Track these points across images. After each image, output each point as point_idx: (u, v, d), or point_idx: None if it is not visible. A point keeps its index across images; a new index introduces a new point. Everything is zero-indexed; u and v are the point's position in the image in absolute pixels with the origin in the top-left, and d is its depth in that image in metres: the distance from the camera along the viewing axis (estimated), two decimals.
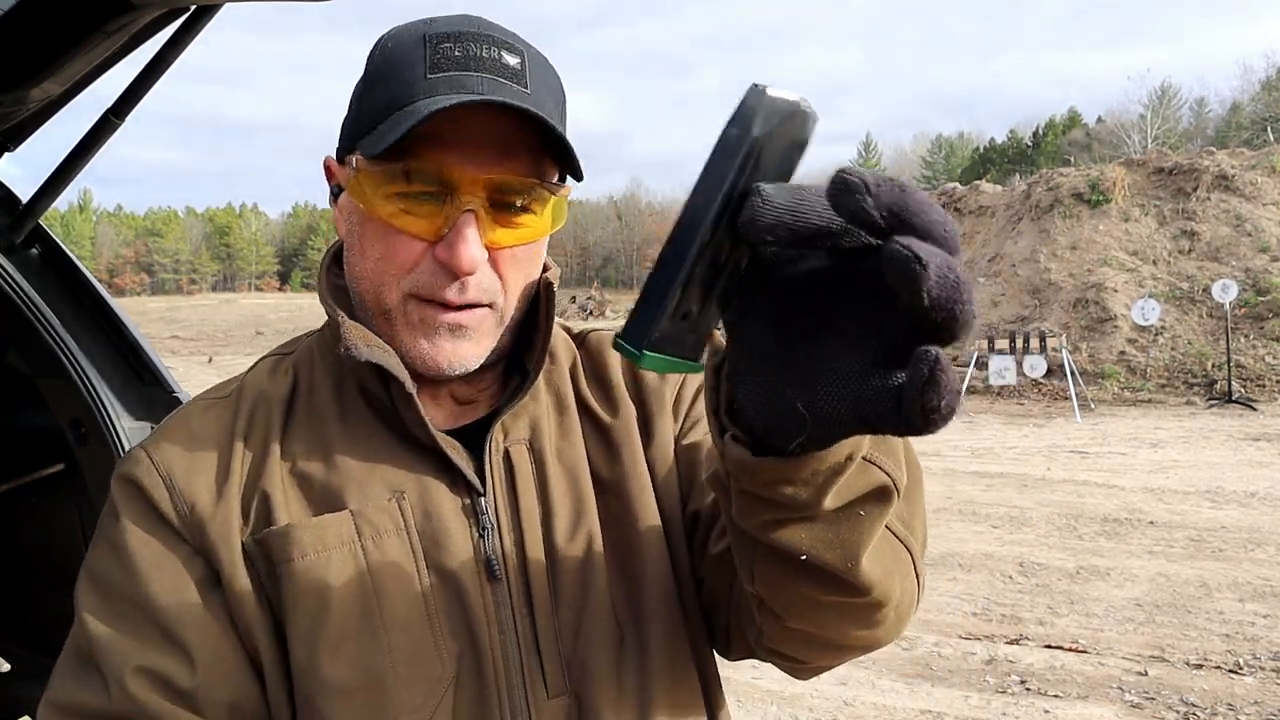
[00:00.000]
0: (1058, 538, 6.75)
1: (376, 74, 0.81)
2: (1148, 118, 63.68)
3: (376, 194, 0.79)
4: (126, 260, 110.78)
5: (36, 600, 2.76)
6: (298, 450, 0.84)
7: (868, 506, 0.62)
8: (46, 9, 1.24)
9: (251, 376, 0.91)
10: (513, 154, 0.79)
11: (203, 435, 0.85)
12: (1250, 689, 4.18)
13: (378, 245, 0.81)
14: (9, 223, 2.02)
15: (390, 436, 0.85)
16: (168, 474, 0.82)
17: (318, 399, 0.87)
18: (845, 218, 0.46)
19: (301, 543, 0.79)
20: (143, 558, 0.79)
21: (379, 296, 0.82)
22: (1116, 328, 16.89)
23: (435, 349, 0.82)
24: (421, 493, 0.83)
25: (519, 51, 0.81)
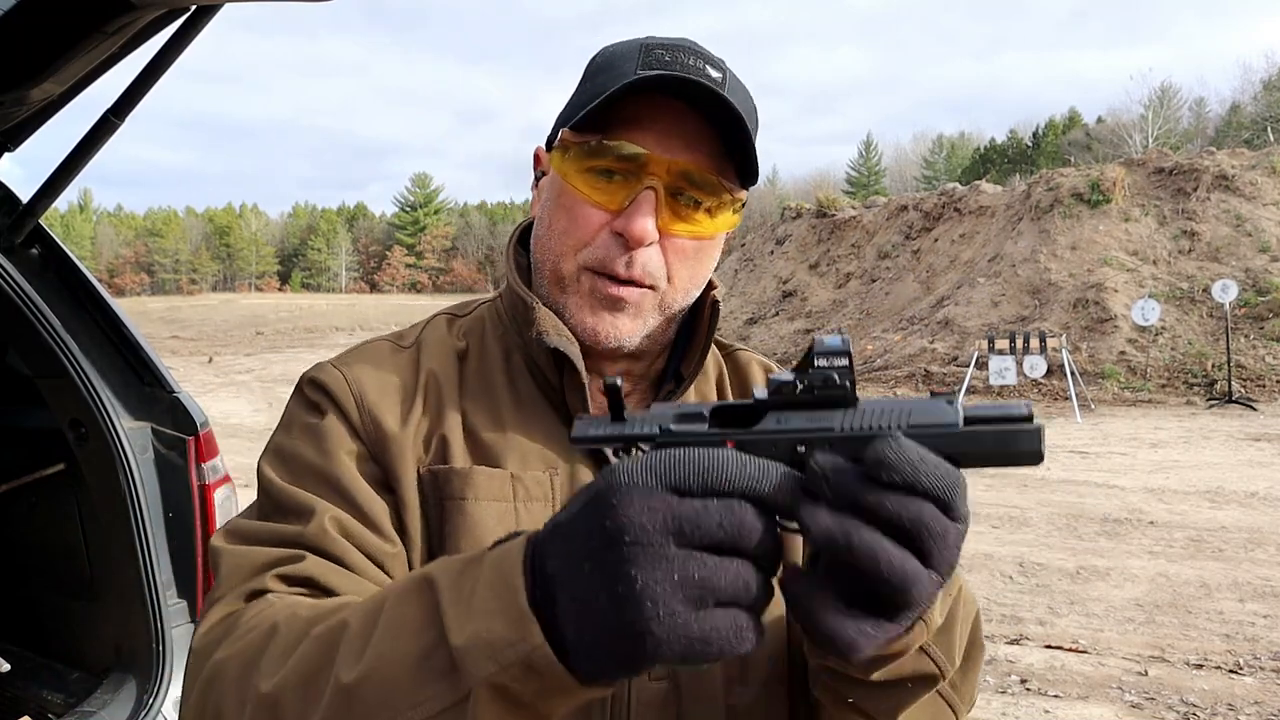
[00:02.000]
0: (1058, 538, 6.75)
1: (594, 72, 0.90)
2: (1148, 118, 63.63)
3: (574, 166, 0.87)
4: (126, 260, 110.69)
5: (36, 600, 2.75)
6: (470, 408, 0.92)
7: (914, 683, 0.72)
8: (46, 9, 1.24)
9: (429, 332, 0.98)
10: (698, 146, 0.86)
11: (390, 372, 0.92)
12: (1250, 689, 4.18)
13: (563, 217, 0.89)
14: (9, 223, 2.02)
15: (551, 414, 0.92)
16: (359, 392, 0.90)
17: (487, 365, 0.95)
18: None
19: (476, 484, 0.86)
20: (336, 446, 0.86)
21: (557, 266, 0.90)
22: (1116, 328, 16.88)
23: (597, 319, 0.89)
24: (572, 472, 0.90)
25: (723, 70, 0.88)
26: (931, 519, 0.55)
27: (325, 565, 0.79)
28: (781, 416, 0.61)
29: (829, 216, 26.88)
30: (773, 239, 28.91)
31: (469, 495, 0.86)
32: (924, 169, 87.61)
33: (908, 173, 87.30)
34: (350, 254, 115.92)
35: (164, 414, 2.23)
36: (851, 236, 25.87)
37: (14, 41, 1.30)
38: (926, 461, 0.55)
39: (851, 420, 0.60)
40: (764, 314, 25.47)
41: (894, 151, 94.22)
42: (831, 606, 0.54)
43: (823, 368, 0.61)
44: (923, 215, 24.15)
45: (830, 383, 0.60)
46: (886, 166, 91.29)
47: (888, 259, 24.15)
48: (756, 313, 25.76)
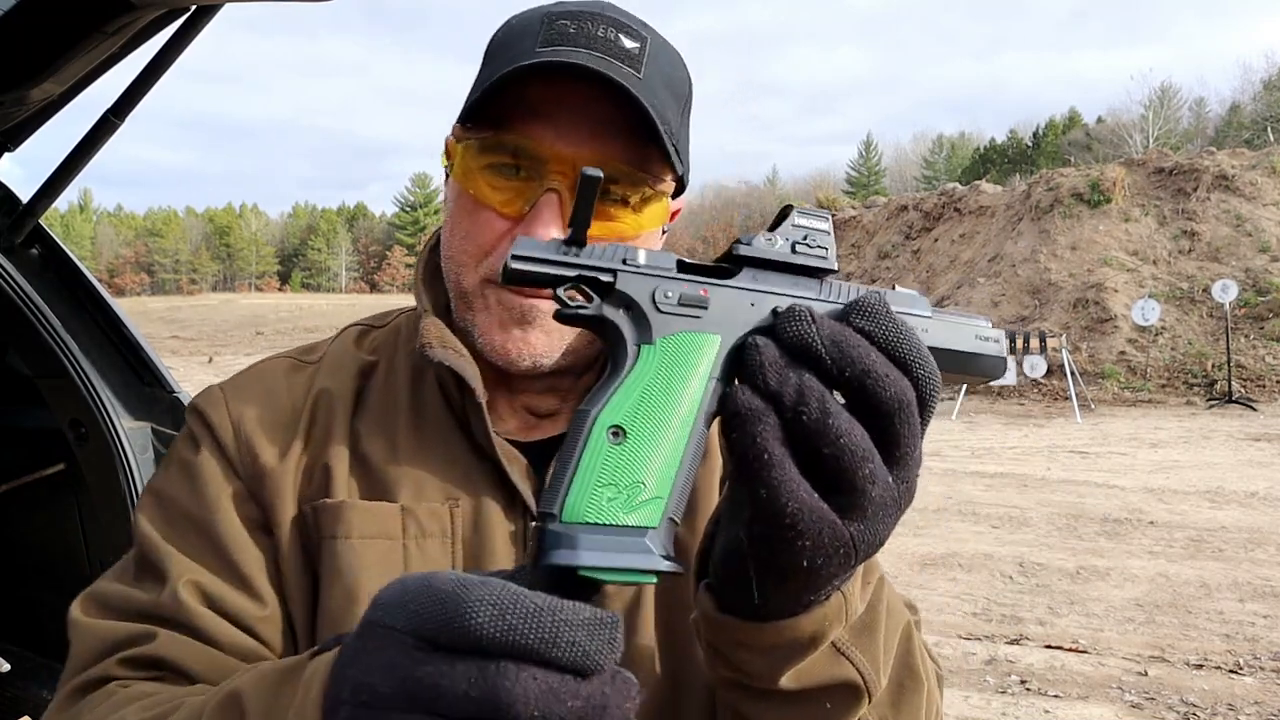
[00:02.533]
0: (1058, 538, 6.75)
1: (494, 51, 0.79)
2: (1148, 118, 63.67)
3: (470, 164, 0.77)
4: (126, 260, 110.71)
5: (36, 600, 2.76)
6: (364, 431, 0.82)
7: (834, 699, 0.62)
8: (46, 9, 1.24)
9: (335, 347, 0.90)
10: (609, 138, 0.74)
11: (278, 395, 0.84)
12: (1250, 689, 4.18)
13: (464, 223, 0.79)
14: (9, 223, 2.02)
15: (459, 439, 0.82)
16: (238, 421, 0.82)
17: (394, 383, 0.85)
18: None
19: (349, 522, 0.77)
20: (210, 488, 0.80)
21: (459, 278, 0.80)
22: (1116, 328, 16.89)
23: (506, 337, 0.79)
24: (476, 505, 0.79)
25: (641, 37, 0.76)
26: (911, 403, 0.51)
27: (179, 643, 0.72)
28: (758, 274, 0.56)
29: None
30: None
31: (341, 533, 0.77)
32: (924, 169, 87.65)
33: (908, 173, 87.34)
34: (350, 254, 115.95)
35: (164, 414, 2.23)
36: (851, 236, 25.87)
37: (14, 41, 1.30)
38: (908, 330, 0.52)
39: (832, 291, 0.57)
40: None
41: (894, 151, 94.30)
42: (798, 475, 0.49)
43: (803, 226, 0.57)
44: (923, 215, 24.15)
45: (812, 242, 0.56)
46: (886, 166, 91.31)
47: (888, 259, 24.15)
48: None
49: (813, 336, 0.50)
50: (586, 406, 0.51)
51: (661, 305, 0.54)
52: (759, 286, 0.55)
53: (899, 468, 0.51)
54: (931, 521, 7.09)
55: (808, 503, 0.49)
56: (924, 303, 0.59)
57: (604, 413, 0.50)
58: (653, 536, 0.49)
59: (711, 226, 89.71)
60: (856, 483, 0.49)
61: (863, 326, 0.51)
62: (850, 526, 0.50)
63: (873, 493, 0.50)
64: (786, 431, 0.50)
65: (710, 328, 0.54)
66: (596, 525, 0.47)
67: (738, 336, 0.54)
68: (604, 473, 0.49)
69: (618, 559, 0.47)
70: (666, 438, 0.51)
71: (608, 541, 0.47)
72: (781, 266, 0.56)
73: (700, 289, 0.54)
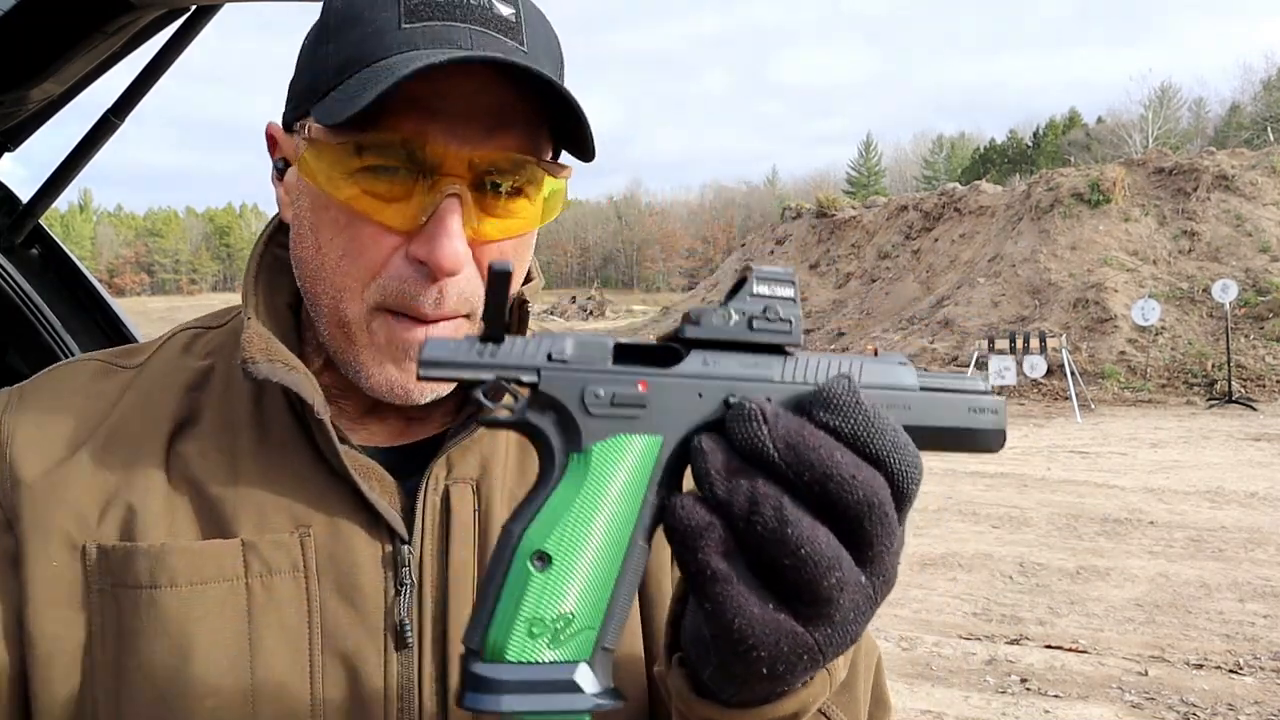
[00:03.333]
0: (1058, 538, 6.75)
1: (339, 21, 0.66)
2: (1148, 118, 63.67)
3: (335, 172, 0.64)
4: (126, 260, 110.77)
5: None
6: (193, 453, 0.70)
7: None
8: (46, 9, 1.24)
9: (163, 352, 0.77)
10: (506, 127, 0.64)
11: (78, 403, 0.72)
12: (1250, 689, 4.18)
13: (338, 240, 0.66)
14: (9, 223, 2.02)
15: (310, 457, 0.70)
16: (8, 436, 0.70)
17: (233, 396, 0.72)
18: None
19: (173, 568, 0.65)
20: None
21: (338, 306, 0.67)
22: (1116, 328, 16.89)
23: (405, 375, 0.67)
24: (332, 531, 0.68)
25: (513, 1, 0.66)
26: (885, 501, 0.45)
27: None
28: (709, 357, 0.49)
29: (829, 216, 26.89)
30: (773, 239, 28.93)
31: (162, 582, 0.65)
32: (924, 169, 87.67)
33: (908, 173, 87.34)
34: None
35: None
36: (851, 236, 25.88)
37: (14, 41, 1.30)
38: (883, 419, 0.46)
39: (793, 369, 0.50)
40: None
41: (894, 151, 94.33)
42: (749, 588, 0.45)
43: (763, 295, 0.49)
44: (923, 215, 24.16)
45: (772, 314, 0.49)
46: (886, 166, 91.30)
47: (888, 259, 24.16)
48: None
49: (763, 439, 0.44)
50: (511, 524, 0.47)
51: (592, 407, 0.47)
52: (709, 371, 0.49)
53: (873, 566, 0.46)
54: (931, 521, 7.09)
55: (758, 617, 0.45)
56: (908, 372, 0.52)
57: (527, 535, 0.46)
58: (583, 671, 0.45)
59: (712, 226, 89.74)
60: (821, 592, 0.44)
61: (826, 421, 0.46)
62: (816, 633, 0.46)
63: (841, 599, 0.45)
64: (739, 541, 0.45)
65: (650, 428, 0.48)
66: (520, 664, 0.44)
67: (683, 434, 0.48)
68: (527, 605, 0.44)
69: (543, 701, 0.44)
70: (598, 562, 0.46)
71: (534, 683, 0.44)
72: (736, 346, 0.49)
73: (638, 383, 0.48)
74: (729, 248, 60.36)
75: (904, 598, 5.47)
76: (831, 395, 0.46)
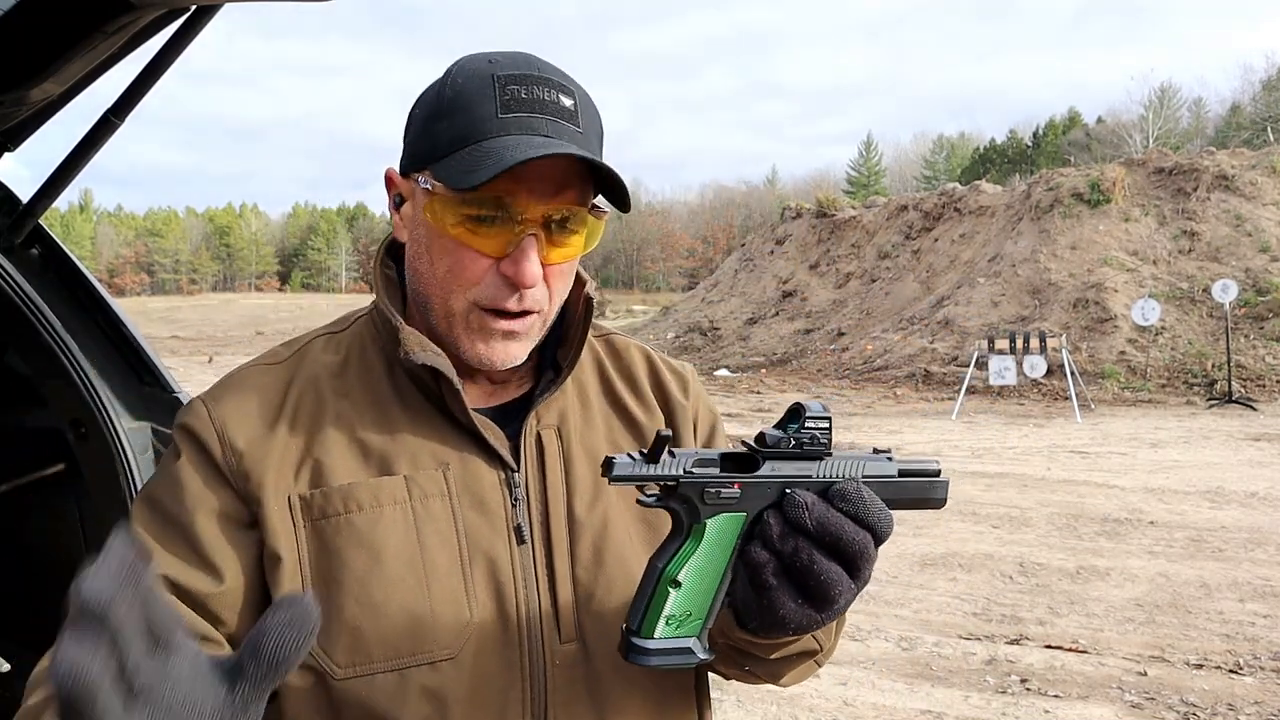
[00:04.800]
0: (1058, 538, 6.75)
1: (450, 106, 0.92)
2: (1148, 118, 63.64)
3: (449, 215, 0.92)
4: (126, 260, 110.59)
5: (37, 600, 2.75)
6: (355, 419, 0.97)
7: (800, 656, 0.97)
8: (46, 9, 1.24)
9: (307, 348, 1.03)
10: (568, 187, 0.92)
11: (257, 396, 0.97)
12: (1250, 689, 4.18)
13: (446, 259, 0.93)
14: (9, 223, 2.02)
15: (438, 416, 0.98)
16: (221, 425, 0.94)
17: (373, 375, 1.00)
18: None
19: (359, 498, 0.92)
20: (191, 491, 0.92)
21: (446, 302, 0.95)
22: (1116, 328, 16.89)
23: (490, 350, 0.96)
24: (464, 466, 0.96)
25: (572, 93, 0.94)
26: (870, 549, 0.80)
27: None
28: (775, 464, 0.82)
29: (829, 216, 26.88)
30: (773, 239, 28.91)
31: (353, 508, 0.92)
32: (924, 169, 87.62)
33: (908, 173, 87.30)
34: (350, 254, 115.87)
35: (164, 414, 2.23)
36: (851, 236, 25.87)
37: (14, 41, 1.30)
38: (873, 501, 0.81)
39: (825, 469, 0.83)
40: (764, 314, 25.47)
41: (894, 151, 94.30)
42: (789, 595, 0.80)
43: (811, 429, 0.83)
44: (923, 215, 24.15)
45: (816, 441, 0.83)
46: (886, 166, 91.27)
47: (888, 259, 24.15)
48: (756, 313, 25.75)
49: (804, 519, 0.79)
50: (655, 560, 0.82)
51: (708, 500, 0.81)
52: (774, 474, 0.82)
53: (860, 579, 0.81)
54: (931, 521, 7.09)
55: (793, 609, 0.80)
56: (891, 466, 0.86)
57: (668, 570, 0.81)
58: (695, 643, 0.82)
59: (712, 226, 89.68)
60: (830, 598, 0.79)
61: (840, 506, 0.80)
62: (823, 615, 0.81)
63: (840, 601, 0.80)
64: (785, 571, 0.80)
65: (740, 509, 0.82)
66: (660, 638, 0.81)
67: (758, 510, 0.82)
68: (665, 609, 0.81)
69: (671, 660, 0.81)
70: (705, 585, 0.81)
71: (667, 650, 0.81)
72: (792, 456, 0.83)
73: (735, 484, 0.81)
74: (729, 248, 60.28)
75: (904, 598, 5.48)
76: (844, 491, 0.81)
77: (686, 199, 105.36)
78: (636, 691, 0.98)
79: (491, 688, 0.92)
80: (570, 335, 1.03)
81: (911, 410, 15.10)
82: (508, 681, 0.93)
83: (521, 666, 0.93)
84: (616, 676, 0.96)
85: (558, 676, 0.94)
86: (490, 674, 0.93)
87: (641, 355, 1.13)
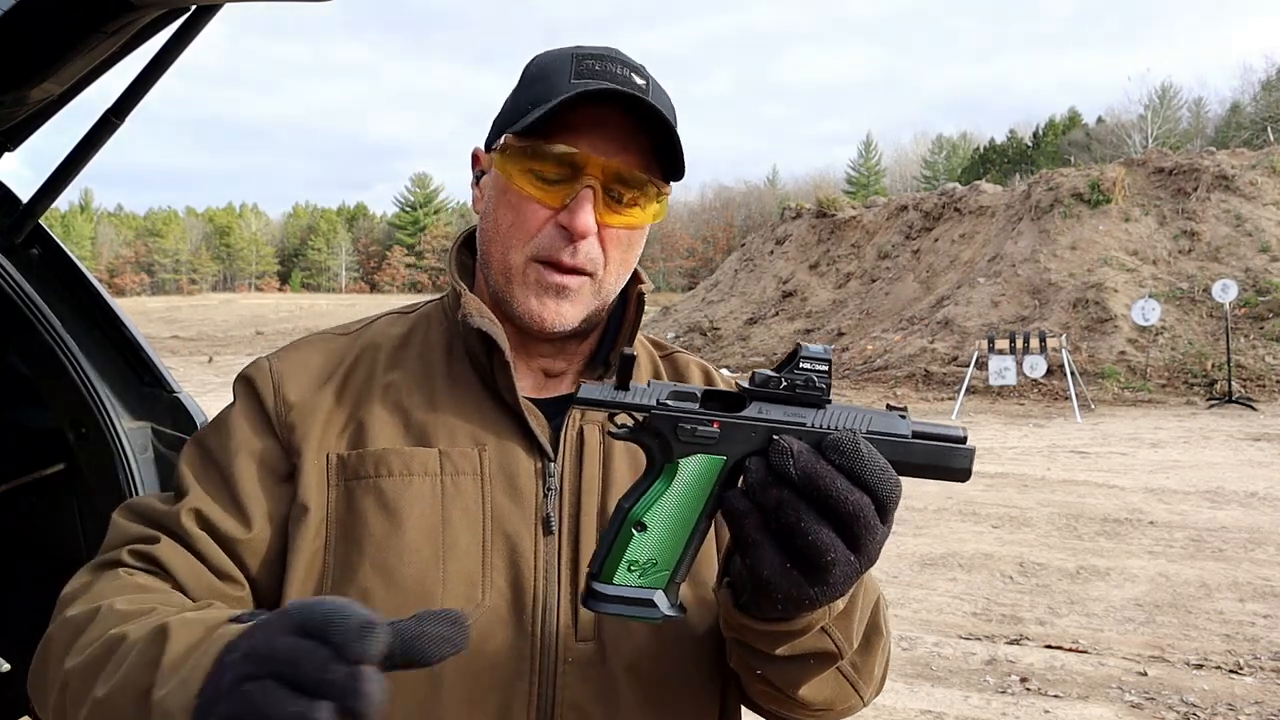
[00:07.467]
0: (1058, 538, 6.75)
1: (530, 80, 0.99)
2: (1148, 118, 63.66)
3: (517, 167, 0.95)
4: (126, 260, 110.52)
5: (37, 600, 2.75)
6: (403, 389, 1.00)
7: (815, 660, 0.84)
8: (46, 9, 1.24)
9: (375, 323, 1.08)
10: (629, 148, 0.95)
11: (318, 358, 1.02)
12: (1250, 689, 4.18)
13: (509, 214, 0.97)
14: (9, 223, 2.02)
15: (485, 397, 0.99)
16: (279, 378, 0.99)
17: (430, 352, 1.03)
18: None
19: (390, 464, 0.94)
20: (236, 437, 0.97)
21: (506, 257, 0.97)
22: (1116, 328, 16.88)
23: (543, 307, 0.97)
24: (501, 449, 0.97)
25: (647, 77, 0.99)
26: (869, 514, 0.70)
27: (174, 550, 0.91)
28: (763, 406, 0.73)
29: (829, 216, 26.88)
30: (773, 239, 28.91)
31: (383, 473, 0.94)
32: (924, 169, 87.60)
33: (908, 173, 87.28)
34: (350, 254, 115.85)
35: (164, 414, 2.23)
36: (851, 236, 25.87)
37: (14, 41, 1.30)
38: (874, 459, 0.70)
39: (822, 419, 0.73)
40: (764, 314, 25.46)
41: (894, 151, 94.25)
42: (774, 555, 0.70)
43: (806, 369, 0.73)
44: (923, 215, 24.15)
45: (810, 384, 0.73)
46: (886, 166, 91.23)
47: (888, 259, 24.15)
48: (756, 313, 25.75)
49: (788, 467, 0.69)
50: (623, 501, 0.75)
51: (682, 436, 0.73)
52: (761, 416, 0.73)
53: (859, 551, 0.70)
54: (931, 521, 7.09)
55: (778, 571, 0.71)
56: (904, 423, 0.74)
57: (634, 511, 0.73)
58: (659, 596, 0.73)
59: (712, 226, 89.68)
60: (820, 564, 0.70)
61: (832, 459, 0.70)
62: (813, 588, 0.71)
63: (834, 570, 0.70)
64: (768, 526, 0.71)
65: (718, 450, 0.73)
66: (620, 585, 0.73)
67: (740, 456, 0.73)
68: (628, 553, 0.73)
69: (631, 609, 0.73)
70: (674, 530, 0.73)
71: (627, 599, 0.73)
72: (783, 399, 0.73)
73: (713, 423, 0.73)
74: (729, 247, 60.30)
75: (904, 598, 5.48)
76: (838, 441, 0.71)
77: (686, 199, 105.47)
78: (652, 702, 0.94)
79: (495, 676, 0.90)
80: (624, 334, 1.06)
81: (911, 410, 15.05)
82: (514, 673, 0.91)
83: (531, 659, 0.91)
84: (633, 684, 0.93)
85: (569, 674, 0.92)
86: (496, 662, 0.91)
87: (700, 370, 1.15)
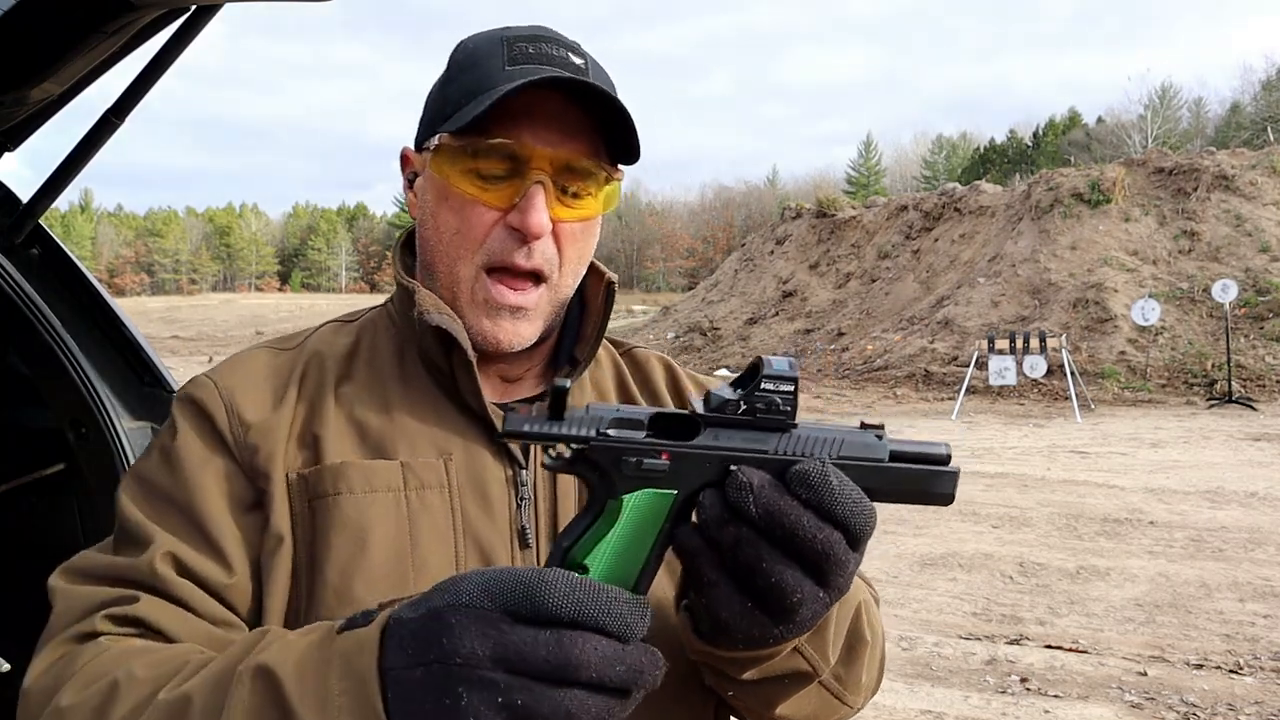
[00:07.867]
0: (1058, 538, 6.75)
1: (459, 68, 0.91)
2: (1148, 118, 63.68)
3: (455, 169, 0.87)
4: (126, 260, 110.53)
5: (36, 600, 2.75)
6: (355, 399, 0.91)
7: (789, 681, 0.77)
8: (46, 9, 1.24)
9: (316, 334, 1.00)
10: (575, 135, 0.88)
11: (265, 373, 0.93)
12: (1250, 689, 4.18)
13: (453, 219, 0.89)
14: (9, 223, 2.02)
15: (445, 402, 0.91)
16: (229, 398, 0.89)
17: (380, 359, 0.95)
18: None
19: (351, 479, 0.86)
20: (191, 467, 0.86)
21: (453, 269, 0.90)
22: (1116, 328, 16.88)
23: (497, 328, 0.90)
24: (468, 457, 0.89)
25: (583, 55, 0.92)
26: (840, 550, 0.64)
27: (158, 605, 0.80)
28: (720, 433, 0.65)
29: (829, 216, 26.88)
30: (773, 239, 28.91)
31: (343, 490, 0.85)
32: (924, 169, 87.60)
33: (908, 173, 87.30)
34: (350, 254, 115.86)
35: (164, 414, 2.23)
36: (851, 236, 25.87)
37: (14, 41, 1.30)
38: (846, 490, 0.64)
39: (786, 444, 0.65)
40: (764, 314, 25.46)
41: (894, 151, 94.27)
42: (733, 597, 0.65)
43: (768, 391, 0.64)
44: (923, 215, 24.15)
45: (773, 408, 0.64)
46: (886, 166, 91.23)
47: (888, 259, 24.15)
48: (756, 313, 25.75)
49: (748, 504, 0.62)
50: (561, 539, 0.66)
51: (626, 470, 0.64)
52: (717, 444, 0.65)
53: (829, 587, 0.65)
54: (931, 521, 7.09)
55: (738, 613, 0.65)
56: (881, 446, 0.66)
57: (573, 553, 0.65)
58: None
59: (712, 226, 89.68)
60: (785, 605, 0.64)
61: (798, 493, 0.63)
62: (778, 628, 0.66)
63: (801, 610, 0.64)
64: (725, 565, 0.64)
65: (668, 485, 0.65)
66: None
67: (692, 489, 0.65)
68: None
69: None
70: (619, 574, 0.64)
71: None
72: (741, 424, 0.65)
73: (662, 454, 0.64)
74: (729, 247, 60.29)
75: (904, 598, 5.47)
76: (804, 473, 0.63)
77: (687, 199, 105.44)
78: (649, 703, 0.89)
79: None
80: (588, 330, 0.97)
81: (911, 410, 15.10)
82: None
83: None
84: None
85: None
86: None
87: (662, 365, 1.07)
